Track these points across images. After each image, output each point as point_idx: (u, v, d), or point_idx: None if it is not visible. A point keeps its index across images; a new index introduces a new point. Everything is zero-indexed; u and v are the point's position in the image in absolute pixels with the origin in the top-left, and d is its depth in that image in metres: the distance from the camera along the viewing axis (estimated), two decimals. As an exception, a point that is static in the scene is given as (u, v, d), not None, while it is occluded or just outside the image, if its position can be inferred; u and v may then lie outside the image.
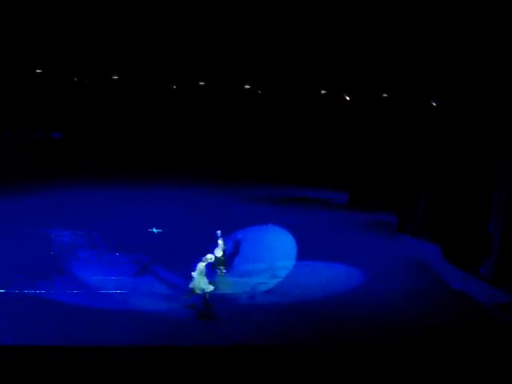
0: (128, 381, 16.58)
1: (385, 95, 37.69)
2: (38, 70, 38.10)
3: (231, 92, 41.40)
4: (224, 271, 22.41)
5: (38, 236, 26.98)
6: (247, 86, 40.67)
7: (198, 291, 20.35)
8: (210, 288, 20.40)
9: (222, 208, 32.27)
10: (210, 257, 20.76)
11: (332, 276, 24.41)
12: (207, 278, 20.49)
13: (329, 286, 23.43)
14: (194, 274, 20.20)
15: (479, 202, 26.15)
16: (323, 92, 40.32)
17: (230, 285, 21.91)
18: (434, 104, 31.21)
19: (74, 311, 20.19)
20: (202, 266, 20.34)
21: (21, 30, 34.86)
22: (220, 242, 22.34)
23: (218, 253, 21.94)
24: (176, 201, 33.51)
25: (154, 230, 23.28)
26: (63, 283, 22.21)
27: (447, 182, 28.55)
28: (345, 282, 23.95)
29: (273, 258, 24.97)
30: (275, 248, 26.13)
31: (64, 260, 24.37)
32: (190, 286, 20.36)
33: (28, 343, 17.69)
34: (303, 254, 26.19)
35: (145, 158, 39.81)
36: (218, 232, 22.39)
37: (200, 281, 20.28)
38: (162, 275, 22.49)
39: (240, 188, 36.98)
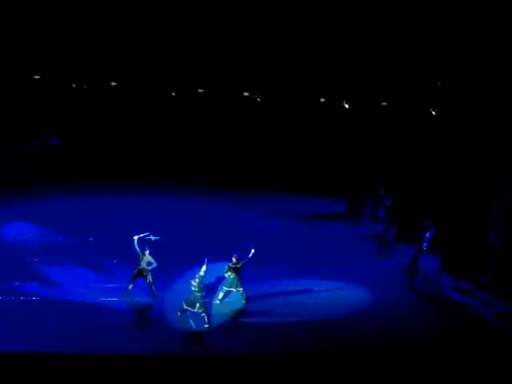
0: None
1: (384, 103, 37.72)
2: (36, 76, 38.10)
3: (230, 99, 41.38)
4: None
5: (33, 242, 27.01)
6: (246, 94, 40.65)
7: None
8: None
9: (219, 217, 32.29)
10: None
11: (330, 285, 24.32)
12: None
13: (326, 295, 23.38)
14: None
15: (478, 211, 26.12)
16: (322, 100, 40.31)
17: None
18: (434, 113, 31.23)
19: (70, 318, 20.20)
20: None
21: (19, 36, 34.85)
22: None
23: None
24: (175, 208, 33.44)
25: (152, 238, 23.09)
26: (56, 290, 22.32)
27: (446, 192, 28.52)
28: (342, 291, 23.87)
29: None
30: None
31: (58, 267, 24.41)
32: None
33: (22, 349, 17.80)
34: (300, 263, 26.15)
35: (143, 165, 39.67)
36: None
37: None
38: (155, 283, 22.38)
39: (238, 196, 36.81)
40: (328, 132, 41.62)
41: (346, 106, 38.71)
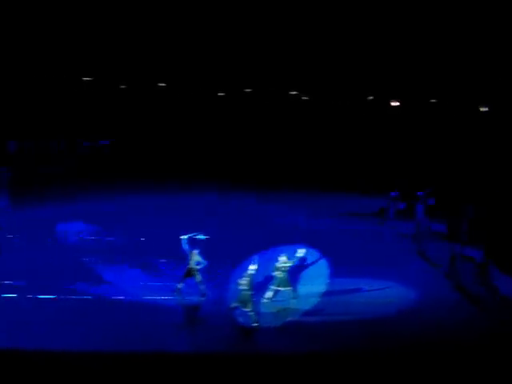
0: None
1: (433, 101, 37.26)
2: (86, 78, 38.66)
3: (277, 98, 41.34)
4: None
5: (83, 243, 27.49)
6: (293, 92, 40.56)
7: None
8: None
9: (264, 218, 32.28)
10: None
11: (378, 284, 24.16)
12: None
13: (375, 294, 23.28)
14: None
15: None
16: (370, 98, 40.02)
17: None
18: (484, 110, 30.74)
19: (118, 317, 20.49)
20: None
21: (68, 40, 35.42)
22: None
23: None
24: (221, 207, 33.52)
25: (201, 237, 23.19)
26: (107, 289, 22.70)
27: (496, 192, 28.10)
28: (391, 290, 23.69)
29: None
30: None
31: (109, 266, 24.79)
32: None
33: (71, 348, 18.05)
34: (347, 262, 25.95)
35: (192, 166, 39.84)
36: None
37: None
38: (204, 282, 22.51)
39: (283, 195, 36.71)
40: (375, 130, 41.29)
41: (394, 103, 38.34)
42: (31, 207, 30.76)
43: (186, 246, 22.16)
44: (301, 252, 22.65)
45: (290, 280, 22.11)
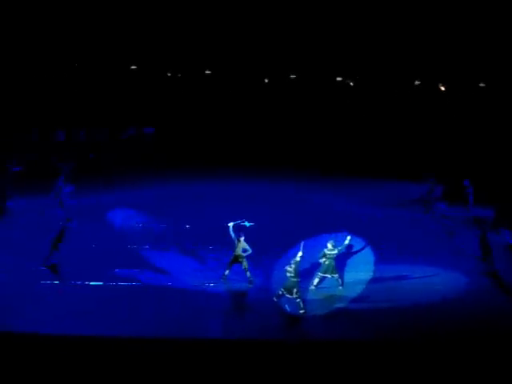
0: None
1: (482, 85, 36.65)
2: (132, 67, 39.03)
3: (322, 85, 41.08)
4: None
5: (132, 229, 27.81)
6: (339, 78, 40.28)
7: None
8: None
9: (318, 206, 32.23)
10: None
11: (424, 271, 24.00)
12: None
13: (420, 281, 23.18)
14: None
15: None
16: (417, 83, 39.50)
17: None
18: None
19: (165, 304, 20.88)
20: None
21: (114, 28, 35.76)
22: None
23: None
24: (267, 194, 33.52)
25: (247, 224, 23.34)
26: (154, 276, 23.06)
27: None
28: (437, 277, 23.53)
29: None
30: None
31: (156, 253, 25.11)
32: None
33: (118, 334, 18.53)
34: (392, 249, 25.97)
35: (236, 153, 39.87)
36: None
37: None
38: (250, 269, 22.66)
39: (329, 182, 36.55)
40: (423, 116, 40.75)
41: (442, 88, 37.81)
42: (80, 195, 31.16)
43: (232, 233, 22.37)
44: (347, 239, 22.69)
45: (336, 267, 22.15)
